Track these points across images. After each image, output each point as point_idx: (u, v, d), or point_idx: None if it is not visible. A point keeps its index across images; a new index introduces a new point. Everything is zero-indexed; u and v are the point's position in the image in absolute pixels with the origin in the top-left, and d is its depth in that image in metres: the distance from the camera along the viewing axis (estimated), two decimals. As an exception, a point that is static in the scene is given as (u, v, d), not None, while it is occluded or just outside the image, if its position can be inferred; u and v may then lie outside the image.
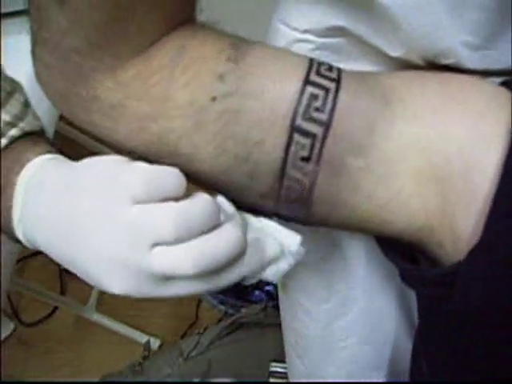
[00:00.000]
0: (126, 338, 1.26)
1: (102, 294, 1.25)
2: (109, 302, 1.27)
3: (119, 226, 0.31)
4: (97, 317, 1.24)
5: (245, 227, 0.34)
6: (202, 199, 0.32)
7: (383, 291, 0.51)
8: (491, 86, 0.34)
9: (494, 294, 0.31)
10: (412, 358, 0.41)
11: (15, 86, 0.42)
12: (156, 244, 0.31)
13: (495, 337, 0.32)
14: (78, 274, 0.34)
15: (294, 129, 0.32)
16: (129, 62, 0.33)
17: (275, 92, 0.32)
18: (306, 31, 0.35)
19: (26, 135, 0.39)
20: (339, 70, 0.33)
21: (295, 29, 0.35)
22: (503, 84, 0.35)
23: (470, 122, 0.31)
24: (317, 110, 0.32)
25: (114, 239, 0.31)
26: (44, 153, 0.38)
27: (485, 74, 0.34)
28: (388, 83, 0.34)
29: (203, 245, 0.31)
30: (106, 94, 0.33)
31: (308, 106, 0.32)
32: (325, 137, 0.32)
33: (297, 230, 0.36)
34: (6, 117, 0.39)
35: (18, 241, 0.38)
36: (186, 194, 0.32)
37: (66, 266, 0.34)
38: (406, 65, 0.36)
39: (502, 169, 0.30)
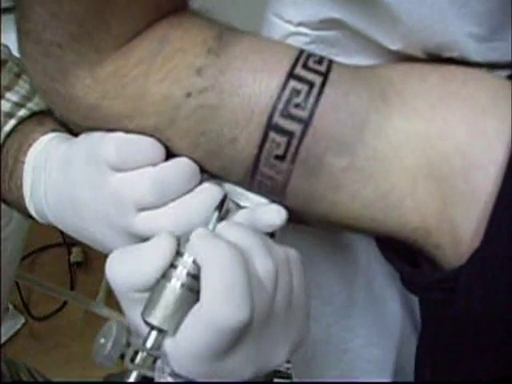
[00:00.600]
0: (135, 333, 1.25)
1: (111, 289, 1.24)
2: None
3: (104, 196, 0.33)
4: (106, 311, 1.24)
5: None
6: (178, 162, 0.33)
7: (387, 291, 0.50)
8: (497, 80, 0.32)
9: (496, 299, 0.29)
10: (416, 362, 0.40)
11: (22, 68, 0.42)
12: (141, 209, 0.32)
13: (498, 342, 0.30)
14: (89, 244, 0.36)
15: (269, 126, 0.30)
16: (110, 57, 0.31)
17: (254, 87, 0.30)
18: (300, 24, 0.33)
19: (33, 115, 0.41)
20: (330, 63, 0.31)
21: (289, 21, 0.34)
22: (510, 77, 0.33)
23: (471, 118, 0.30)
24: (297, 106, 0.30)
25: (104, 207, 0.33)
26: (49, 131, 0.39)
27: (491, 66, 0.32)
28: (385, 76, 0.32)
29: (180, 206, 0.32)
30: (84, 93, 0.32)
31: (288, 102, 0.30)
32: (303, 135, 0.30)
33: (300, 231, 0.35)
34: (14, 97, 0.41)
35: (32, 217, 0.40)
36: None
37: (77, 237, 0.37)
38: (405, 58, 0.34)
39: (504, 168, 0.28)
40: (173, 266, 0.30)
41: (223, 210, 0.33)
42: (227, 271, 0.28)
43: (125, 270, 0.30)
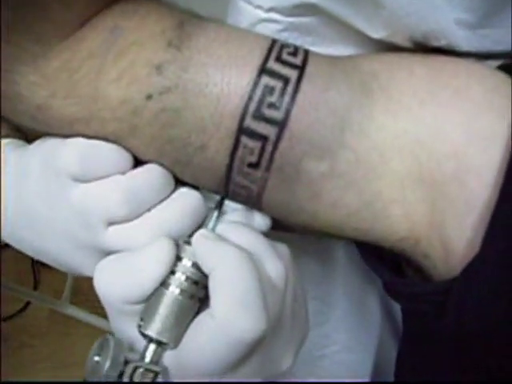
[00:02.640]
0: (101, 330, 1.22)
1: (77, 287, 1.21)
2: (83, 294, 1.23)
3: (67, 209, 0.29)
4: (71, 310, 1.20)
5: None
6: (149, 168, 0.29)
7: (365, 295, 0.47)
8: (489, 70, 0.29)
9: (491, 316, 0.27)
10: (396, 370, 0.37)
11: None
12: (111, 223, 0.29)
13: (489, 360, 0.28)
14: (50, 263, 0.32)
15: (241, 131, 0.27)
16: (55, 49, 0.27)
17: (223, 85, 0.27)
18: (271, 9, 0.29)
19: None
20: (306, 54, 0.28)
21: (259, 6, 0.30)
22: (501, 68, 0.30)
23: (465, 115, 0.27)
24: (271, 106, 0.26)
25: (67, 224, 0.29)
26: (3, 137, 0.35)
27: (481, 56, 0.30)
28: (367, 68, 0.29)
29: (156, 216, 0.29)
30: (31, 92, 0.27)
31: (260, 102, 0.26)
32: (278, 139, 0.27)
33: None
34: None
35: None
36: None
37: (38, 258, 0.33)
38: (389, 48, 0.30)
39: (503, 172, 0.25)
40: (171, 271, 0.28)
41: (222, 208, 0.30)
42: (240, 277, 0.26)
43: (119, 280, 0.28)
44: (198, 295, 0.28)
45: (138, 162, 0.30)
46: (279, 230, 0.34)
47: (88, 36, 0.27)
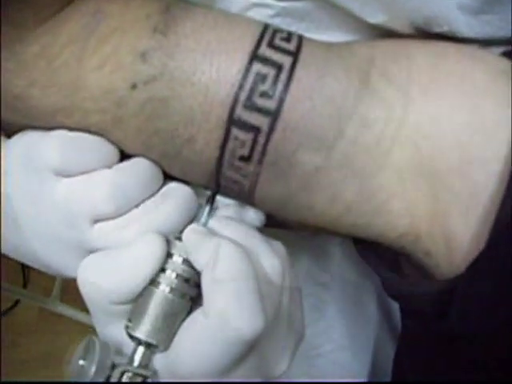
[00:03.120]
0: (92, 328, 1.21)
1: (66, 285, 1.20)
2: (73, 292, 1.22)
3: (49, 206, 0.27)
4: (61, 308, 1.19)
5: None
6: (137, 162, 0.28)
7: (361, 292, 0.46)
8: (494, 57, 0.27)
9: (497, 315, 0.26)
10: (394, 368, 0.36)
11: None
12: (96, 220, 0.27)
13: (491, 360, 0.27)
14: (33, 265, 0.31)
15: (231, 121, 0.25)
16: (32, 33, 0.25)
17: (211, 73, 0.25)
18: (262, -7, 0.28)
19: None
20: (300, 40, 0.26)
21: (249, -10, 0.28)
22: (505, 54, 0.28)
23: (469, 104, 0.25)
24: (263, 95, 0.25)
25: (49, 221, 0.28)
26: None
27: (484, 43, 0.28)
28: (365, 55, 0.27)
29: (145, 213, 0.28)
30: (8, 80, 0.26)
31: (252, 90, 0.25)
32: (271, 130, 0.25)
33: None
34: None
35: None
36: None
37: (18, 258, 0.31)
38: (388, 34, 0.29)
39: (508, 163, 0.24)
40: (161, 269, 0.27)
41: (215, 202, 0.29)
42: (235, 273, 0.25)
43: (104, 279, 0.26)
44: (190, 294, 0.27)
45: (124, 156, 0.28)
46: (273, 226, 0.32)
47: (69, 19, 0.25)
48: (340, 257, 0.45)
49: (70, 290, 1.21)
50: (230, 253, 0.26)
